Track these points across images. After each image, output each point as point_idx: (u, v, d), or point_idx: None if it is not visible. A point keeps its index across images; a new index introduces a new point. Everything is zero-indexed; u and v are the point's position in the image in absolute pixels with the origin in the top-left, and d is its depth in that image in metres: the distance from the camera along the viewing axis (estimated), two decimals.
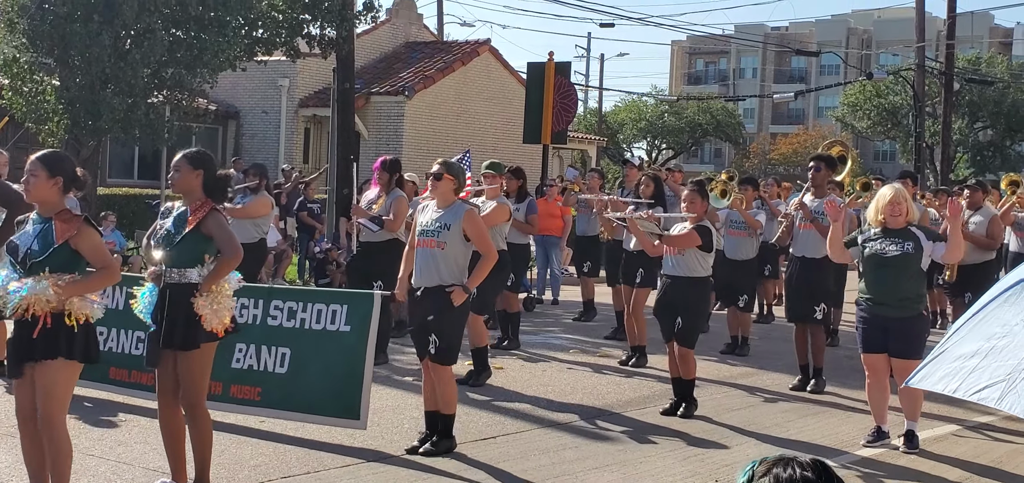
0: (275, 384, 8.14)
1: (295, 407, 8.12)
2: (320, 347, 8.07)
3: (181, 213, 6.61)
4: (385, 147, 27.20)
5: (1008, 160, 56.28)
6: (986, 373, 3.83)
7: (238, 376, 8.19)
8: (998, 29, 71.26)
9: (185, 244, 6.50)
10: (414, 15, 32.96)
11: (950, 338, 4.15)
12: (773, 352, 13.17)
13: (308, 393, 8.06)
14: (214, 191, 6.68)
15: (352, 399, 7.91)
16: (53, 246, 5.89)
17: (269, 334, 8.17)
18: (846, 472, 8.05)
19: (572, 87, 23.41)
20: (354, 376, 7.94)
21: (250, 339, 8.13)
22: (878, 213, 8.51)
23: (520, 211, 12.47)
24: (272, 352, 8.17)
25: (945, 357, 4.07)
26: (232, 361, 8.16)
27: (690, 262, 9.53)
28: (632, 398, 10.37)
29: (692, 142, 62.38)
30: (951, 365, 4.00)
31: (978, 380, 3.84)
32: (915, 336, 8.40)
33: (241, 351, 8.18)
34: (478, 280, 8.04)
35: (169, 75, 17.40)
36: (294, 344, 8.14)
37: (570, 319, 15.66)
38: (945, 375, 4.00)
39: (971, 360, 3.92)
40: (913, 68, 34.21)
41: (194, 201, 6.59)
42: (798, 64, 77.80)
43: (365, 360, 7.93)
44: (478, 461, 7.92)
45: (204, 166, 6.67)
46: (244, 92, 28.31)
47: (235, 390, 8.13)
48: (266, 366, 8.17)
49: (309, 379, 8.08)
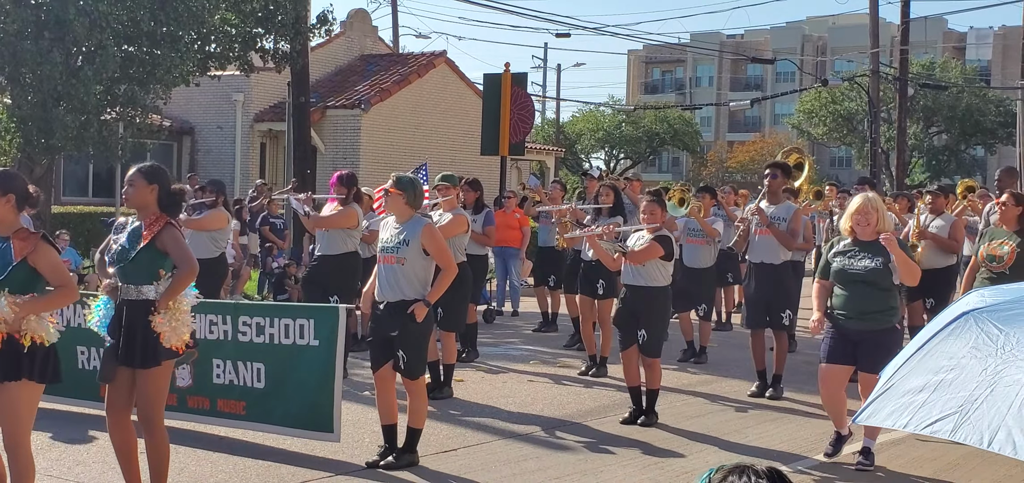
0: (257, 398, 8.21)
1: (276, 421, 8.19)
2: (293, 361, 8.11)
3: (135, 228, 6.56)
4: (342, 161, 27.08)
5: (963, 164, 57.01)
6: (937, 407, 3.82)
7: (222, 391, 8.25)
8: (952, 34, 72.14)
9: (140, 260, 6.44)
10: (369, 28, 32.87)
11: (895, 374, 4.13)
12: (731, 359, 13.21)
13: (286, 407, 8.12)
14: (169, 206, 6.62)
15: (325, 412, 7.95)
16: (12, 264, 5.85)
17: (242, 350, 8.23)
18: (805, 477, 8.10)
19: (529, 98, 23.42)
20: (326, 389, 7.97)
21: (225, 355, 8.22)
22: (846, 221, 8.16)
23: (477, 222, 12.45)
24: (248, 367, 8.26)
25: (892, 393, 4.04)
26: (213, 376, 8.23)
27: (651, 272, 9.53)
28: (592, 408, 10.37)
29: (650, 151, 62.68)
30: (899, 401, 3.98)
31: (929, 414, 3.83)
32: (885, 350, 7.72)
33: (219, 367, 8.28)
34: (438, 293, 8.01)
35: (122, 92, 17.27)
36: (267, 359, 8.20)
37: (530, 330, 15.64)
38: (893, 411, 3.98)
39: (920, 395, 3.90)
40: (868, 74, 34.53)
41: (148, 216, 6.54)
42: (754, 72, 78.38)
43: (334, 373, 7.95)
44: (439, 473, 7.90)
45: (158, 181, 6.62)
46: (199, 107, 28.09)
47: (222, 404, 8.23)
48: (245, 381, 8.24)
49: (286, 393, 8.14)
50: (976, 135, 54.77)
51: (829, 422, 9.96)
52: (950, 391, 3.82)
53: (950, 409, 3.76)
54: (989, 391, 3.73)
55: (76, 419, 8.81)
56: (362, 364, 11.36)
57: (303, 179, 18.19)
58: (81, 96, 16.33)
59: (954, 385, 3.83)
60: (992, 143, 56.19)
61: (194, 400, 8.50)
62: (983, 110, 53.69)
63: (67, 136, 16.42)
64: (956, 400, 3.77)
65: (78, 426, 8.70)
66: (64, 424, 8.71)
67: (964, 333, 4.00)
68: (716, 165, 63.82)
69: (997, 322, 3.98)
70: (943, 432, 3.78)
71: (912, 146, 46.19)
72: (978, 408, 3.71)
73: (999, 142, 55.27)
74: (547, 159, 36.99)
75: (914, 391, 3.93)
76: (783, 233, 10.87)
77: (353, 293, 11.12)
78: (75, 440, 8.45)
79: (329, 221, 11.07)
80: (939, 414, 3.79)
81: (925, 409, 3.84)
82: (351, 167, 27.14)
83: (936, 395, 3.85)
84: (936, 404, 3.83)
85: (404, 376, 7.92)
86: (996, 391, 3.72)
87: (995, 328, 3.95)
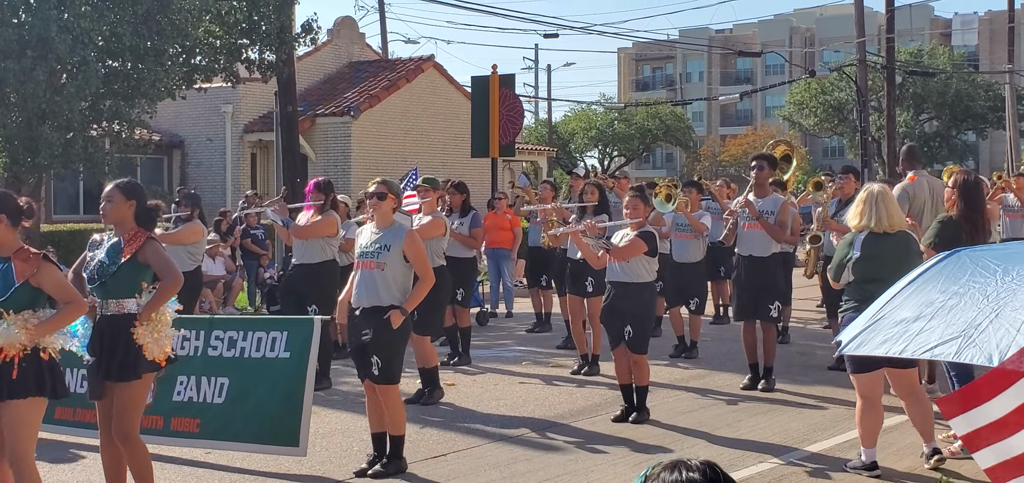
0: (213, 415, 8.02)
1: (234, 437, 8.00)
2: (259, 375, 7.95)
3: (114, 244, 6.56)
4: (333, 168, 27.04)
5: (955, 150, 57.03)
6: (936, 333, 3.83)
7: (178, 408, 8.07)
8: (938, 20, 72.10)
9: (122, 275, 6.47)
10: (356, 35, 32.82)
11: (883, 307, 4.13)
12: (725, 353, 13.18)
13: (247, 422, 7.93)
14: (146, 221, 6.67)
15: (291, 426, 7.77)
16: (14, 286, 5.92)
17: (209, 365, 8.08)
18: (797, 468, 8.06)
19: (517, 99, 23.44)
20: (293, 402, 7.81)
21: (191, 371, 8.05)
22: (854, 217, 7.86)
23: (463, 225, 12.42)
24: (211, 383, 8.06)
25: (882, 324, 4.04)
26: (173, 394, 8.05)
27: (636, 268, 9.50)
28: (584, 407, 10.33)
29: (643, 148, 62.64)
30: (891, 330, 3.98)
31: (928, 339, 3.84)
32: None
33: (182, 383, 8.09)
34: (416, 302, 7.97)
35: (107, 107, 17.21)
36: (233, 374, 8.03)
37: (523, 331, 15.61)
38: (887, 339, 3.98)
39: (915, 324, 3.91)
40: (855, 64, 34.52)
41: (127, 231, 6.56)
42: (743, 65, 78.33)
43: (305, 386, 7.80)
44: (429, 479, 7.87)
45: (136, 196, 6.68)
46: (188, 120, 28.05)
47: (175, 423, 8.01)
48: (205, 397, 8.05)
49: (248, 408, 7.96)
50: (966, 120, 54.75)
51: (821, 412, 9.99)
52: (950, 316, 3.84)
53: (952, 334, 3.78)
54: (994, 315, 3.76)
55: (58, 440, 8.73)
56: (351, 372, 11.32)
57: (293, 188, 18.11)
58: (65, 113, 16.27)
59: (954, 311, 3.85)
60: (983, 128, 56.18)
61: (147, 419, 8.27)
62: (973, 95, 53.68)
63: (53, 154, 16.36)
64: (958, 325, 3.79)
65: (60, 446, 8.65)
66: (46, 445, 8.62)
67: (958, 268, 4.04)
68: (709, 159, 63.78)
69: (992, 259, 4.03)
70: (945, 355, 3.80)
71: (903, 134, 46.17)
72: (983, 331, 3.73)
73: (990, 126, 55.27)
74: (540, 159, 36.96)
75: (908, 321, 3.94)
76: (771, 226, 10.84)
77: (332, 302, 11.07)
78: (59, 459, 8.42)
79: (311, 230, 11.01)
80: (939, 339, 3.81)
81: (923, 335, 3.86)
82: (342, 174, 27.17)
83: (934, 322, 3.86)
84: (935, 330, 3.84)
85: (376, 382, 7.85)
86: (1002, 315, 3.75)
87: (992, 263, 4.00)
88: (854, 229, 7.79)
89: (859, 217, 7.73)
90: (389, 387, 7.88)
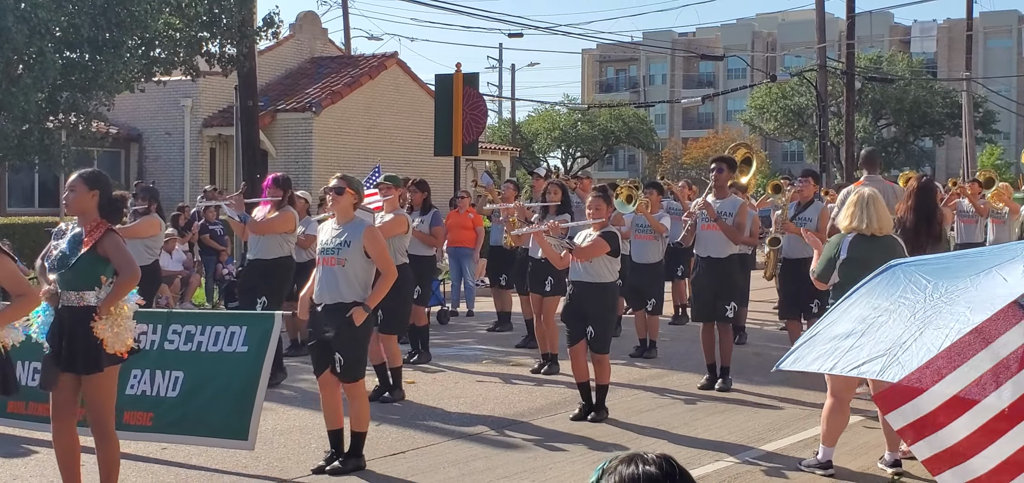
0: (166, 408, 7.95)
1: (186, 430, 7.94)
2: (214, 369, 7.90)
3: (76, 234, 6.53)
4: (293, 165, 26.92)
5: (912, 156, 57.65)
6: (864, 351, 3.91)
7: (131, 402, 8.00)
8: (898, 28, 72.86)
9: (81, 266, 6.43)
10: (319, 30, 32.67)
11: (821, 323, 4.23)
12: (682, 353, 13.24)
13: (199, 416, 7.87)
14: (109, 212, 6.63)
15: (242, 419, 7.73)
16: None
17: (164, 359, 8.01)
18: (753, 467, 8.12)
19: (481, 98, 23.42)
20: (246, 397, 7.77)
21: (146, 365, 7.97)
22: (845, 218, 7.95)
23: (424, 223, 12.40)
24: (166, 376, 8.00)
25: (817, 339, 4.13)
26: (127, 387, 7.97)
27: (598, 268, 9.53)
28: (543, 406, 10.35)
29: (606, 150, 62.84)
30: (825, 346, 4.07)
31: (857, 357, 3.92)
32: None
33: (136, 377, 8.02)
34: (378, 298, 7.95)
35: (64, 99, 17.02)
36: (188, 367, 7.97)
37: (484, 330, 15.61)
38: (819, 355, 4.06)
39: (847, 340, 3.99)
40: (816, 69, 34.80)
41: (89, 222, 6.52)
42: (706, 69, 78.75)
43: (259, 380, 7.76)
44: (386, 477, 7.85)
45: (100, 187, 6.63)
46: (146, 114, 27.78)
47: (128, 417, 7.92)
48: (159, 391, 7.99)
49: (200, 402, 7.91)
50: (924, 127, 55.38)
51: (777, 412, 10.07)
52: (878, 334, 3.93)
53: (878, 352, 3.87)
54: (918, 334, 3.84)
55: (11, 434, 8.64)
56: (307, 370, 11.27)
57: (252, 184, 18.00)
58: (21, 105, 16.07)
59: (883, 329, 3.94)
60: (940, 134, 56.84)
61: None
62: (930, 102, 54.30)
63: (8, 146, 16.17)
64: (884, 343, 3.88)
65: (12, 441, 8.56)
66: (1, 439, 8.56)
67: (891, 284, 4.11)
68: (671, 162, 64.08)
69: (925, 274, 4.09)
70: (871, 373, 3.89)
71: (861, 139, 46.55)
72: (907, 350, 3.82)
73: (947, 133, 55.93)
74: (503, 159, 36.97)
75: (841, 337, 4.03)
76: (730, 227, 10.90)
77: (284, 298, 11.05)
78: (12, 454, 8.34)
79: (267, 226, 10.95)
80: (867, 357, 3.89)
81: (853, 353, 3.94)
82: (303, 171, 27.04)
83: (864, 339, 3.95)
84: (864, 348, 3.92)
85: (341, 379, 7.84)
86: (925, 334, 3.83)
87: (923, 279, 4.06)
88: (843, 230, 7.88)
89: (850, 218, 7.84)
90: (355, 384, 7.86)
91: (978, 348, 3.84)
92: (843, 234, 7.85)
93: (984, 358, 3.84)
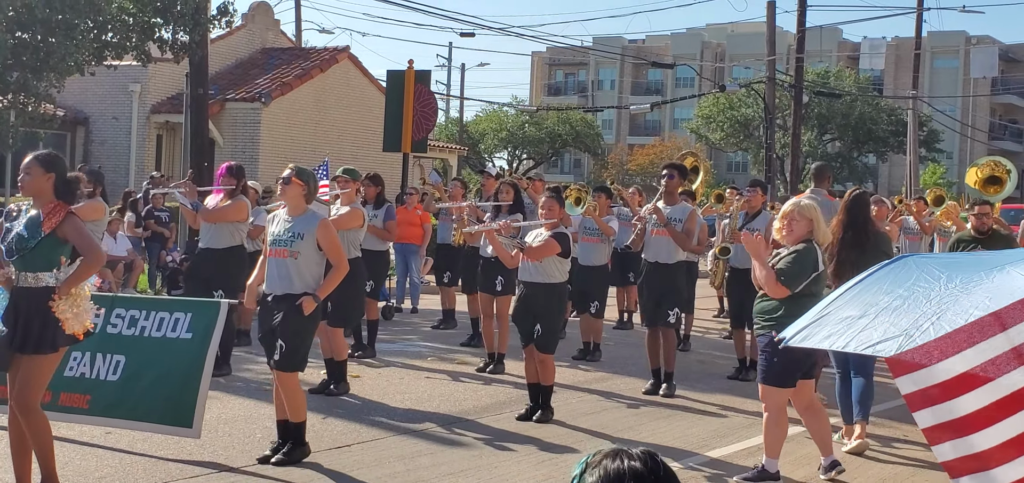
0: (105, 392, 7.89)
1: (125, 414, 7.89)
2: (157, 355, 7.87)
3: (33, 217, 6.50)
4: (241, 154, 26.75)
5: (855, 171, 58.39)
6: (879, 331, 3.99)
7: (68, 384, 7.92)
8: (846, 44, 73.73)
9: (41, 248, 6.42)
10: (271, 21, 32.51)
11: (829, 305, 4.28)
12: (627, 357, 13.37)
13: (139, 400, 7.83)
14: (65, 194, 6.60)
15: (187, 406, 7.71)
16: None
17: (105, 342, 7.94)
18: (696, 473, 8.23)
19: (432, 95, 23.40)
20: (190, 383, 7.74)
21: (85, 348, 7.88)
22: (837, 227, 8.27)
23: (378, 218, 12.41)
24: (106, 359, 7.95)
25: (827, 320, 4.19)
26: (65, 370, 7.89)
27: (548, 268, 9.61)
28: (489, 404, 10.41)
29: (552, 152, 63.05)
30: (836, 325, 4.13)
31: (870, 336, 3.99)
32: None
33: (75, 360, 7.95)
34: (328, 290, 7.98)
35: (13, 79, 16.82)
36: (130, 352, 7.93)
37: (429, 327, 15.64)
38: (830, 334, 4.13)
39: (860, 320, 4.07)
40: (764, 81, 35.20)
41: (45, 204, 6.50)
42: (655, 77, 79.25)
43: (203, 368, 7.75)
44: (331, 469, 7.86)
45: (55, 169, 6.62)
46: (94, 97, 27.50)
47: (64, 398, 7.86)
48: (98, 374, 7.93)
49: (141, 386, 7.87)
50: (868, 143, 56.12)
51: (721, 419, 10.21)
52: (894, 317, 4.01)
53: (894, 333, 3.95)
54: (936, 317, 3.94)
55: None
56: (256, 359, 11.26)
57: (200, 172, 17.91)
58: None
59: (898, 312, 4.02)
60: (884, 151, 57.64)
61: None
62: (875, 119, 55.04)
63: None
64: (901, 325, 3.96)
65: None
66: None
67: (905, 272, 4.20)
68: (616, 167, 64.44)
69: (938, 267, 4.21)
70: (886, 351, 3.94)
71: (806, 153, 47.13)
72: (924, 332, 3.91)
73: (891, 150, 56.71)
74: (450, 157, 36.99)
75: (852, 319, 4.10)
76: (679, 233, 11.04)
77: (239, 288, 10.99)
78: None
79: (220, 214, 10.88)
80: (881, 336, 3.96)
81: (867, 332, 4.02)
82: (251, 161, 26.89)
83: (878, 320, 4.03)
84: (878, 328, 4.00)
85: (276, 367, 7.83)
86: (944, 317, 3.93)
87: (938, 271, 4.18)
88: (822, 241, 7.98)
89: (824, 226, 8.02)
90: (288, 374, 7.85)
91: (996, 330, 3.92)
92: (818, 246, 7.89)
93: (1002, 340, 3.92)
